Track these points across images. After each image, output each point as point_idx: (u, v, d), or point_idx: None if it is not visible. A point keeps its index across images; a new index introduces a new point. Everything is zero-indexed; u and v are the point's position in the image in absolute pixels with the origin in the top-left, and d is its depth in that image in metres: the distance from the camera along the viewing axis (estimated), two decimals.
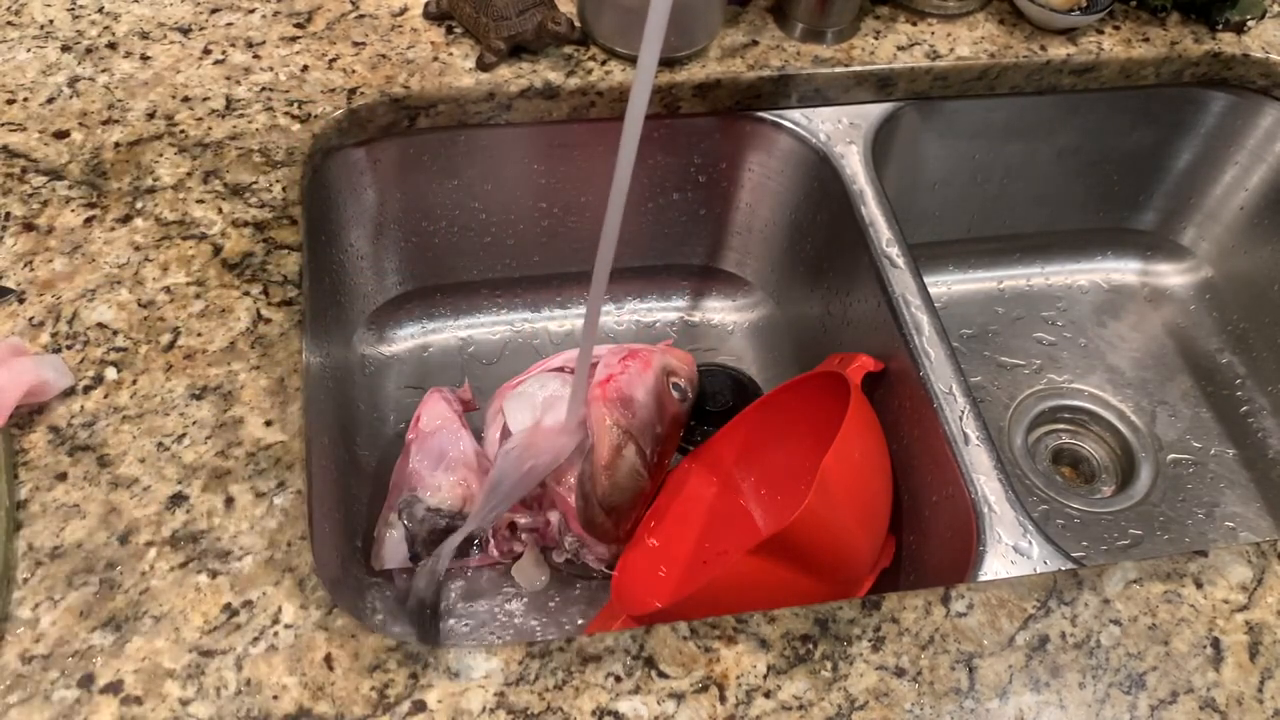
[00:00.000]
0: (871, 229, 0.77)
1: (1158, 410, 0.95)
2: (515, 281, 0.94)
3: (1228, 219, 0.99)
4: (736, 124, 0.84)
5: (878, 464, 0.69)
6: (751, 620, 0.54)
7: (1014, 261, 1.03)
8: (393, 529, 0.75)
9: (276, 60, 0.77)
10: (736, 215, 0.92)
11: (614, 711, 0.50)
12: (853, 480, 0.65)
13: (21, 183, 0.68)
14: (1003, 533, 0.62)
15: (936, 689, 0.53)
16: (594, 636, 0.53)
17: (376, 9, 0.81)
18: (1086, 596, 0.57)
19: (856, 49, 0.83)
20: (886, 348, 0.74)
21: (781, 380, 0.92)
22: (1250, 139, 0.93)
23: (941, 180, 0.93)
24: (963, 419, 0.68)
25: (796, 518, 0.59)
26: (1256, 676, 0.55)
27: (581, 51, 0.80)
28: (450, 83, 0.77)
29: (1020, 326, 1.00)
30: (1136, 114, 0.91)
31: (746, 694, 0.52)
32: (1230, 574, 0.59)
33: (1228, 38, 0.88)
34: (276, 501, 0.56)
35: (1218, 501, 0.90)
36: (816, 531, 0.61)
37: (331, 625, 0.52)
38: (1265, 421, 0.94)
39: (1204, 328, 1.00)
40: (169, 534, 0.54)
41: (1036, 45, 0.85)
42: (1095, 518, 0.88)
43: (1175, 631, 0.56)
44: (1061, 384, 0.96)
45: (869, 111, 0.84)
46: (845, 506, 0.64)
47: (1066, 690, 0.53)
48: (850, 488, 0.65)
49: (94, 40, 0.76)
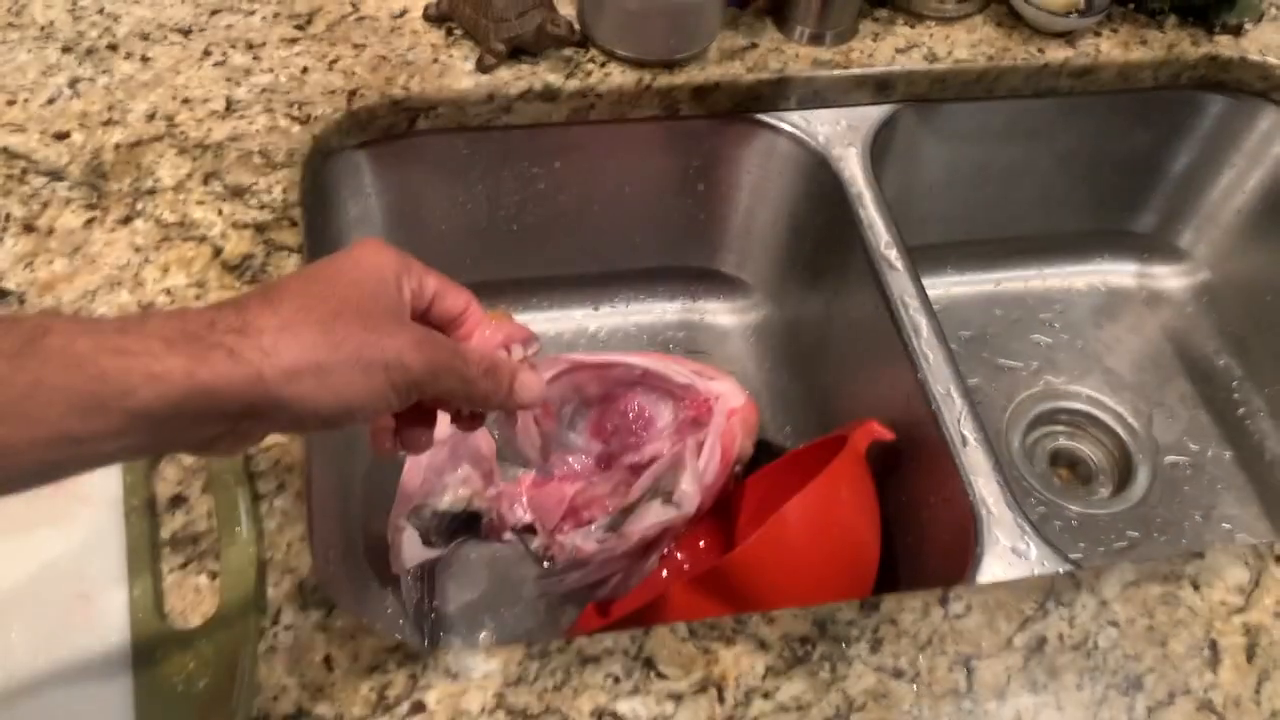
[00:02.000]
0: (870, 231, 0.77)
1: (1155, 412, 0.95)
2: (515, 283, 0.94)
3: (1225, 222, 0.99)
4: (735, 126, 0.84)
5: (855, 524, 0.68)
6: (750, 621, 0.54)
7: (1012, 264, 1.03)
8: (404, 531, 0.75)
9: (277, 62, 0.77)
10: (735, 217, 0.92)
11: (613, 712, 0.51)
12: (817, 535, 0.65)
13: (22, 184, 0.68)
14: (1000, 534, 0.62)
15: (935, 690, 0.53)
16: (593, 637, 0.53)
17: (377, 11, 0.81)
18: (1084, 598, 0.57)
19: (855, 51, 0.83)
20: (885, 352, 0.75)
21: (780, 385, 0.92)
22: (1247, 142, 0.93)
23: (940, 183, 0.93)
24: (960, 421, 0.68)
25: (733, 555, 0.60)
26: (1254, 678, 0.55)
27: (581, 54, 0.80)
28: (450, 84, 0.77)
29: (1018, 328, 1.00)
30: (1134, 117, 0.92)
31: (745, 695, 0.52)
32: (1227, 576, 0.59)
33: (1225, 40, 0.88)
34: (276, 502, 0.56)
35: (1215, 503, 0.90)
36: (756, 574, 0.62)
37: (331, 626, 0.52)
38: (1262, 424, 0.94)
39: (1201, 330, 1.01)
40: (168, 535, 0.54)
41: (1034, 48, 0.85)
42: (1093, 519, 0.88)
43: (1173, 633, 0.56)
44: (1059, 386, 0.96)
45: (867, 114, 0.84)
46: (801, 556, 0.64)
47: (1064, 691, 0.53)
48: (813, 542, 0.64)
49: (94, 41, 0.76)
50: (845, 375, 0.84)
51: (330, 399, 0.39)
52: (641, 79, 0.79)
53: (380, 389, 0.40)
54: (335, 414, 0.39)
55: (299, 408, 0.38)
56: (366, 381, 0.39)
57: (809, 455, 0.77)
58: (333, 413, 0.39)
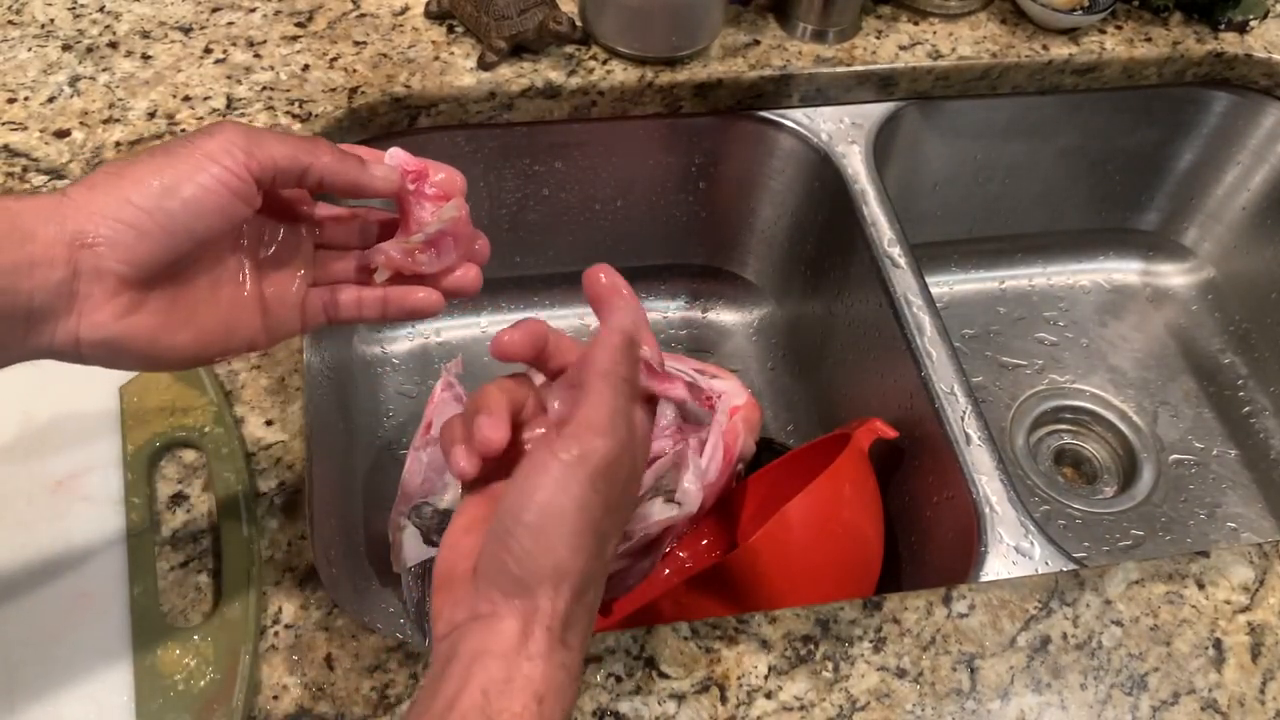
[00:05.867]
0: (873, 229, 0.77)
1: (1159, 411, 0.95)
2: (516, 281, 0.93)
3: (1230, 219, 0.99)
4: (738, 124, 0.84)
5: (858, 523, 0.68)
6: (753, 621, 0.54)
7: (1016, 261, 1.03)
8: (405, 530, 0.75)
9: (277, 59, 0.76)
10: (737, 216, 0.92)
11: (615, 712, 0.50)
12: (819, 534, 0.64)
13: (22, 182, 0.68)
14: (1004, 533, 0.62)
15: (938, 690, 0.53)
16: (594, 636, 0.52)
17: (378, 8, 0.81)
18: (1088, 597, 0.57)
19: (858, 48, 0.83)
20: (889, 350, 0.74)
21: (783, 383, 0.92)
22: (1252, 139, 0.93)
23: (943, 180, 0.93)
24: (964, 419, 0.68)
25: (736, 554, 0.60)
26: (1258, 677, 0.55)
27: (583, 51, 0.80)
28: (451, 82, 0.77)
29: (1022, 327, 1.00)
30: (1138, 114, 0.91)
31: (747, 694, 0.51)
32: (1232, 575, 0.59)
33: (1230, 37, 0.88)
34: (276, 501, 0.56)
35: (1219, 502, 0.90)
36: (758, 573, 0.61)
37: (332, 625, 0.52)
38: (1267, 422, 0.94)
39: (1206, 328, 1.00)
40: (169, 534, 0.54)
41: (1039, 45, 0.85)
42: (1097, 518, 0.88)
43: (1177, 632, 0.56)
44: (1063, 384, 0.96)
45: (871, 111, 0.84)
46: (804, 555, 0.63)
47: (1068, 691, 0.53)
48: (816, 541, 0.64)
49: (95, 39, 0.76)
50: (848, 373, 0.84)
51: (135, 188, 0.37)
52: (643, 76, 0.78)
53: (192, 158, 0.37)
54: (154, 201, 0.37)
55: (111, 207, 0.36)
56: (171, 161, 0.37)
57: (812, 454, 0.77)
58: (149, 200, 0.37)
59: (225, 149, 0.38)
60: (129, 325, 0.38)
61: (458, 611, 0.37)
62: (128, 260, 0.37)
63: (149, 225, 0.37)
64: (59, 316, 0.36)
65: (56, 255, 0.35)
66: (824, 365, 0.88)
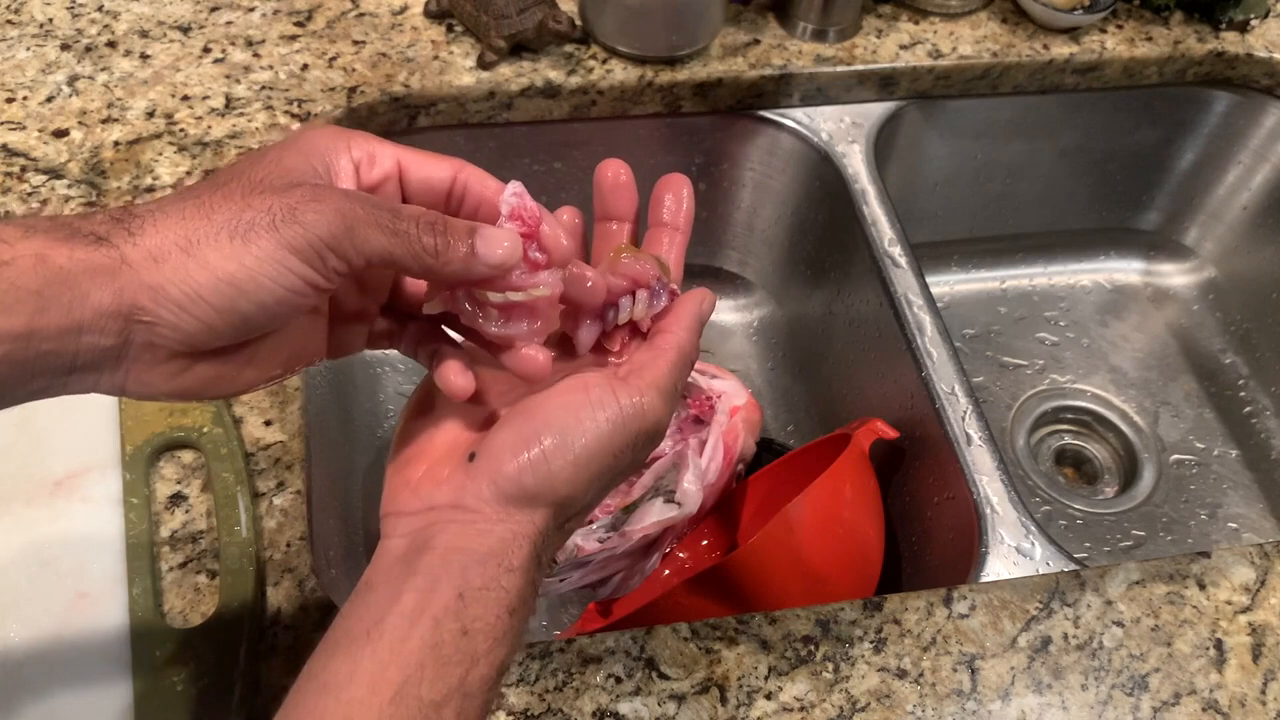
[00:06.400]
0: (873, 228, 0.77)
1: (1161, 411, 0.95)
2: None
3: (1231, 219, 0.99)
4: (738, 123, 0.84)
5: (858, 523, 0.67)
6: (753, 621, 0.54)
7: (1016, 261, 1.02)
8: None
9: (276, 59, 0.76)
10: (738, 215, 0.92)
11: (614, 712, 0.50)
12: (820, 535, 0.64)
13: (21, 181, 0.67)
14: (1005, 534, 0.62)
15: (938, 690, 0.52)
16: (594, 637, 0.52)
17: (377, 7, 0.81)
18: (1089, 598, 0.56)
19: (859, 48, 0.83)
20: (889, 350, 0.74)
21: (783, 383, 0.92)
22: (1254, 138, 0.93)
23: (944, 180, 0.93)
24: (965, 419, 0.67)
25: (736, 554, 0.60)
26: (1259, 678, 0.55)
27: (582, 50, 0.79)
28: (451, 81, 0.77)
29: (1023, 326, 0.99)
30: (1139, 113, 0.91)
31: (748, 695, 0.51)
32: (1233, 575, 0.58)
33: (1231, 37, 0.88)
34: (276, 501, 0.56)
35: (1221, 502, 0.89)
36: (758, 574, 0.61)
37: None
38: (1269, 422, 0.94)
39: (1207, 328, 1.00)
40: (168, 534, 0.54)
41: (1039, 44, 0.85)
42: (1098, 519, 0.88)
43: (1178, 633, 0.56)
44: (1064, 384, 0.96)
45: (871, 111, 0.84)
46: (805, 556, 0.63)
47: (1069, 692, 0.53)
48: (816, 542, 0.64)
49: (93, 39, 0.76)
50: (848, 373, 0.84)
51: (207, 278, 0.32)
52: (643, 75, 0.78)
53: (274, 256, 0.32)
54: (225, 300, 0.32)
55: (176, 293, 0.32)
56: (250, 250, 0.32)
57: (812, 454, 0.77)
58: (221, 299, 0.32)
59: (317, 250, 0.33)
60: (180, 383, 0.34)
61: (438, 491, 0.35)
62: (186, 343, 0.33)
63: (216, 322, 0.33)
64: (104, 372, 0.33)
65: (109, 326, 0.32)
66: (824, 365, 0.88)
